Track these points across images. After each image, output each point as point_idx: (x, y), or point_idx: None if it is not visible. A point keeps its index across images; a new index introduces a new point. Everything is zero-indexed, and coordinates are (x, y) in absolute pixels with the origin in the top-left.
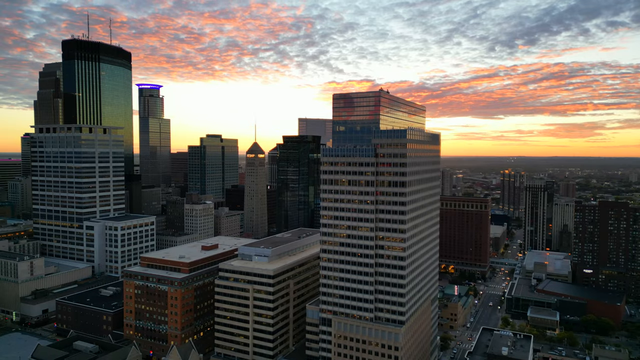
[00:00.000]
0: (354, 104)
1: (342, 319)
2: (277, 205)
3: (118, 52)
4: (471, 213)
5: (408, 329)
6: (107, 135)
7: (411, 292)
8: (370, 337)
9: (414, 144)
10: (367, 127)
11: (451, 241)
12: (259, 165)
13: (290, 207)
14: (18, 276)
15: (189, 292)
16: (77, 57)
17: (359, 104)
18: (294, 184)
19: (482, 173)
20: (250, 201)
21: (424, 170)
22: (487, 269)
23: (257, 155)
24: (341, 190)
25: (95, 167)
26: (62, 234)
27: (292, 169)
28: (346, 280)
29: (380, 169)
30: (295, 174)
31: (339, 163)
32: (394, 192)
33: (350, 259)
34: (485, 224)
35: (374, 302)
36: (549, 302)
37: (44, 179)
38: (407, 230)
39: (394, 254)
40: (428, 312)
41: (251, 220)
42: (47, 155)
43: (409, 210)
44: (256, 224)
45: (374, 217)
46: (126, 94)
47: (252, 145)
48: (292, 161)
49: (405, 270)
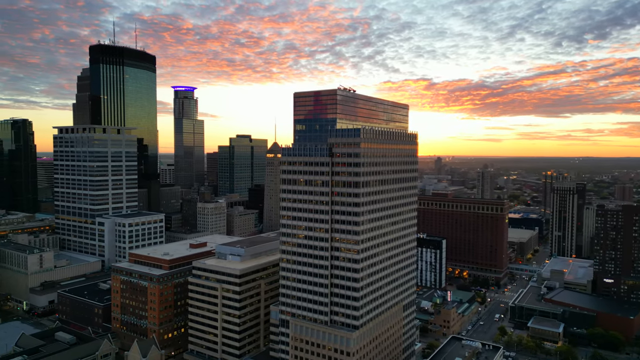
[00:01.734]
0: (313, 103)
1: (299, 321)
2: None
3: (142, 56)
4: (486, 216)
5: (364, 334)
6: (121, 136)
7: (369, 297)
8: (325, 341)
9: (372, 144)
10: (325, 126)
11: (465, 245)
12: (279, 165)
13: None
14: (28, 268)
15: (168, 288)
16: (102, 62)
17: (317, 102)
18: None
19: (537, 175)
20: (269, 200)
21: (391, 171)
22: (502, 275)
23: (276, 155)
24: (299, 191)
25: (108, 165)
26: (78, 229)
27: None
28: (303, 282)
29: (336, 169)
30: None
31: (297, 163)
32: (348, 193)
33: (307, 261)
34: (501, 227)
35: (330, 306)
36: (554, 313)
37: (63, 177)
38: (361, 232)
39: (348, 256)
40: (398, 318)
41: (270, 219)
42: (66, 155)
43: (364, 211)
44: (275, 223)
45: (329, 218)
46: (149, 96)
47: (272, 145)
48: None
49: (360, 273)
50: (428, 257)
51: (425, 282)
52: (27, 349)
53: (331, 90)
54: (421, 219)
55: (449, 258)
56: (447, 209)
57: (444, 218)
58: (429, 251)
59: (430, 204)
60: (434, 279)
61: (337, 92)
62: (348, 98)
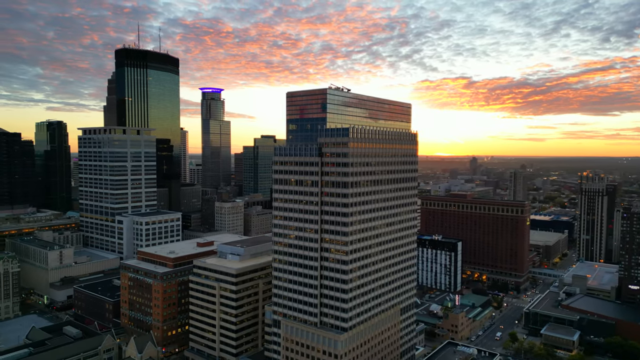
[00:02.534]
0: (304, 102)
1: (290, 321)
2: None
3: (165, 59)
4: (506, 218)
5: (354, 337)
6: (140, 136)
7: (360, 298)
8: (314, 342)
9: (362, 143)
10: (316, 126)
11: (484, 248)
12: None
13: None
14: (48, 264)
15: (171, 286)
16: (126, 65)
17: (308, 101)
18: None
19: (579, 176)
20: None
21: (386, 171)
22: (522, 279)
23: None
24: (290, 191)
25: (127, 165)
26: (99, 227)
27: None
28: (294, 282)
29: (326, 169)
30: None
31: (288, 163)
32: (337, 193)
33: (297, 261)
34: (522, 230)
35: (319, 307)
36: (570, 320)
37: (86, 176)
38: (350, 233)
39: (337, 257)
40: (395, 321)
41: None
42: (89, 155)
43: (353, 212)
44: None
45: (319, 219)
46: (173, 97)
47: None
48: None
49: (348, 274)
50: (443, 260)
51: (440, 285)
52: (34, 341)
53: (321, 90)
54: (439, 220)
55: (468, 261)
56: (466, 210)
57: (463, 220)
58: (443, 253)
59: (448, 205)
60: (448, 282)
61: (327, 92)
62: (339, 97)
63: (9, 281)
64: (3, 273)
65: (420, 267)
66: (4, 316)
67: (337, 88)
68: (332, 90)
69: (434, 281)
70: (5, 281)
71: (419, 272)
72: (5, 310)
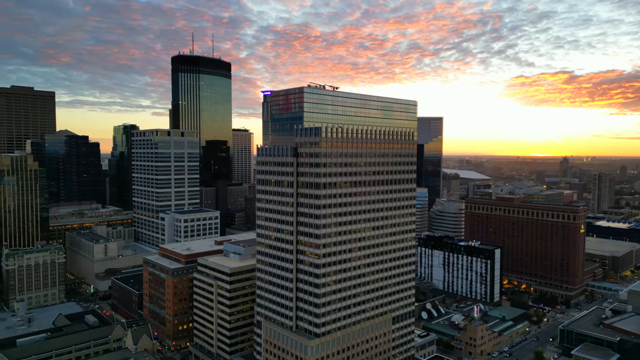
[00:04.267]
0: (284, 102)
1: (269, 323)
2: None
3: (217, 64)
4: (556, 224)
5: (328, 343)
6: (183, 138)
7: (336, 304)
8: (288, 346)
9: (340, 143)
10: (292, 124)
11: (532, 256)
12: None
13: None
14: (94, 256)
15: (182, 282)
16: (180, 70)
17: (287, 100)
18: None
19: None
20: None
21: (372, 172)
22: (575, 293)
23: None
24: (270, 191)
25: (170, 165)
26: (147, 223)
27: None
28: (273, 284)
29: (301, 170)
30: None
31: (268, 163)
32: (310, 194)
33: (276, 263)
34: (574, 238)
35: (295, 310)
36: (609, 341)
37: (137, 176)
38: (322, 236)
39: (310, 260)
40: (384, 330)
41: None
42: (139, 156)
43: (327, 214)
44: None
45: (295, 221)
46: (224, 100)
47: None
48: None
49: (320, 278)
50: (478, 268)
51: (475, 294)
52: (54, 327)
53: (299, 88)
54: (483, 225)
55: (513, 270)
56: (512, 215)
57: (509, 225)
58: (479, 261)
59: (493, 209)
60: (484, 292)
61: (304, 90)
62: (319, 95)
63: (55, 271)
64: (50, 263)
65: (455, 275)
66: (51, 302)
67: (317, 86)
68: (311, 88)
69: (468, 290)
70: (52, 270)
71: (454, 280)
72: (52, 297)
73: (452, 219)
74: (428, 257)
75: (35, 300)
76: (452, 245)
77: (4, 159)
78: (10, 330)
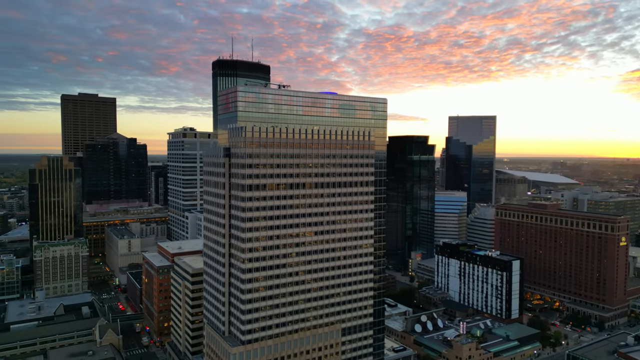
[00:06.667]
0: (224, 100)
1: (209, 327)
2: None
3: (255, 67)
4: (592, 235)
5: (257, 352)
6: (209, 139)
7: (265, 311)
8: (219, 351)
9: (270, 143)
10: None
11: (565, 269)
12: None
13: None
14: (118, 250)
15: (167, 279)
16: (219, 75)
17: (227, 99)
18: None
19: None
20: None
21: (314, 173)
22: (612, 314)
23: None
24: (208, 192)
25: (196, 166)
26: (177, 221)
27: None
28: (212, 287)
29: (232, 171)
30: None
31: (208, 163)
32: (237, 196)
33: (213, 265)
34: (612, 251)
35: (227, 315)
36: None
37: (170, 176)
38: (247, 240)
39: (237, 264)
40: (330, 342)
41: None
42: (172, 157)
43: (252, 217)
44: None
45: (226, 223)
46: None
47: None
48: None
49: (245, 284)
50: (494, 280)
51: (490, 309)
52: (46, 316)
53: (234, 87)
54: (514, 234)
55: (545, 284)
56: (545, 223)
57: (541, 234)
58: (495, 273)
59: (524, 217)
60: (499, 307)
61: (238, 88)
62: (257, 94)
63: (79, 263)
64: (74, 256)
65: (471, 287)
66: (75, 292)
67: (265, 85)
68: (247, 87)
69: (484, 304)
70: (76, 263)
71: (469, 292)
72: (75, 287)
73: (487, 226)
74: (445, 266)
75: (60, 289)
76: (469, 254)
77: (42, 160)
78: (21, 316)
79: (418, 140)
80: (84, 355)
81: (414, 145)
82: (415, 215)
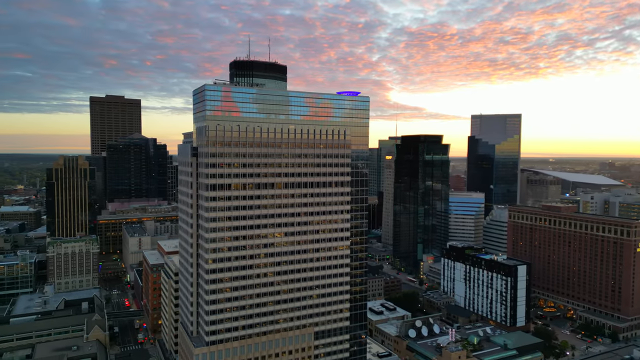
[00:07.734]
0: (198, 100)
1: (180, 327)
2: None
3: (271, 67)
4: (607, 240)
5: (221, 353)
6: None
7: (231, 312)
8: (187, 351)
9: (238, 142)
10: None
11: (579, 276)
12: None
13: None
14: (129, 248)
15: (160, 277)
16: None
17: (201, 98)
18: (407, 192)
19: None
20: (386, 204)
21: (284, 173)
22: (627, 324)
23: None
24: (181, 191)
25: None
26: None
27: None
28: (184, 286)
29: (199, 171)
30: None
31: (181, 162)
32: (202, 196)
33: (184, 264)
34: (628, 257)
35: (196, 315)
36: None
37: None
38: (210, 240)
39: (202, 265)
40: (302, 346)
41: (387, 224)
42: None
43: (216, 217)
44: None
45: (194, 223)
46: None
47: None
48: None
49: (209, 284)
50: (498, 285)
51: (495, 315)
52: (44, 311)
53: (201, 87)
54: (527, 238)
55: (558, 292)
56: (559, 227)
57: (554, 238)
58: (499, 278)
59: (537, 219)
60: (504, 314)
61: (206, 87)
62: (227, 93)
63: (89, 259)
64: (85, 253)
65: (476, 292)
66: (85, 287)
67: (226, 83)
68: (214, 86)
69: (488, 310)
70: (86, 259)
71: (474, 297)
72: (86, 283)
73: (503, 229)
74: (451, 269)
75: (72, 284)
76: (474, 258)
77: (59, 159)
78: (27, 309)
79: (431, 140)
80: (68, 350)
81: (427, 145)
82: (428, 216)
